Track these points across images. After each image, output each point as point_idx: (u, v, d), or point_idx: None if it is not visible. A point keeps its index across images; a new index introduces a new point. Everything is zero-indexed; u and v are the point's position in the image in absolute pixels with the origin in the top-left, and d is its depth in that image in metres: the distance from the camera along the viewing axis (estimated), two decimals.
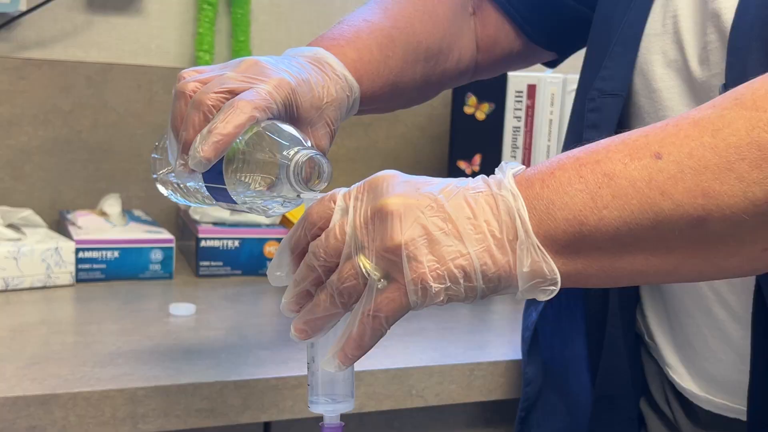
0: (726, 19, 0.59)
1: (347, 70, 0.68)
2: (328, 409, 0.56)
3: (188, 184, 0.64)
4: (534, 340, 0.81)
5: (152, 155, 0.68)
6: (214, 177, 0.60)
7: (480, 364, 0.84)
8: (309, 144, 0.59)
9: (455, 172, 1.24)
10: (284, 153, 0.57)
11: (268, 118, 0.59)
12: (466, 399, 0.85)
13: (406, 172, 0.52)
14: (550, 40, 0.85)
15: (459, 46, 0.81)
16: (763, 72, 0.48)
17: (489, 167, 1.28)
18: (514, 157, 1.23)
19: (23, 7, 1.17)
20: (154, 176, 0.68)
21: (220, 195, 0.61)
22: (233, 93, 0.59)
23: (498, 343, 0.91)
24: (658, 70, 0.66)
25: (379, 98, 0.73)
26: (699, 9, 0.63)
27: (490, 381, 0.85)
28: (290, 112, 0.62)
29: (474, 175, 1.24)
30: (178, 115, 0.60)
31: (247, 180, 0.58)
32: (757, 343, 0.60)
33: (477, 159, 1.24)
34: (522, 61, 0.89)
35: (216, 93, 0.59)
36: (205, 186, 0.62)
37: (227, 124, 0.56)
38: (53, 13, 1.20)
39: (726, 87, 0.58)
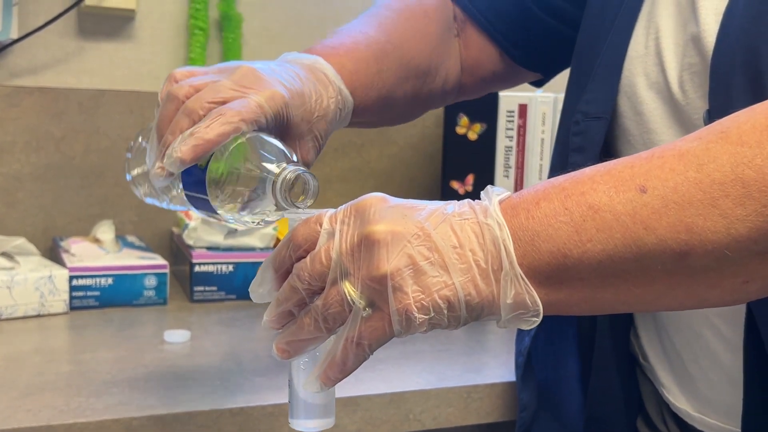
0: (707, 43, 0.59)
1: (343, 83, 0.68)
2: (309, 426, 0.57)
3: (163, 188, 0.63)
4: (528, 365, 0.81)
5: (126, 155, 0.67)
6: (196, 185, 0.59)
7: (477, 386, 0.84)
8: (294, 158, 0.59)
9: (448, 192, 1.24)
10: (269, 167, 0.57)
11: (256, 130, 0.59)
12: (463, 422, 0.84)
13: (399, 193, 0.52)
14: (534, 61, 0.85)
15: (446, 66, 0.82)
16: (748, 101, 0.48)
17: (482, 187, 1.28)
18: (507, 176, 1.23)
19: (14, 35, 1.17)
20: (129, 177, 0.66)
21: (200, 203, 0.61)
22: (226, 103, 0.58)
23: (494, 364, 0.91)
24: (642, 93, 0.66)
25: (369, 112, 0.72)
26: (680, 31, 0.64)
27: (487, 404, 0.85)
28: (280, 125, 0.62)
29: (467, 195, 1.25)
30: (165, 118, 0.59)
31: (227, 192, 0.58)
32: (750, 369, 0.60)
33: (470, 179, 1.25)
34: (506, 81, 0.89)
35: (210, 103, 0.58)
36: (185, 194, 0.61)
37: (210, 130, 0.56)
38: (45, 41, 1.21)
39: (710, 114, 0.57)
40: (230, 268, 1.12)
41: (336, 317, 0.50)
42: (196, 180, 0.59)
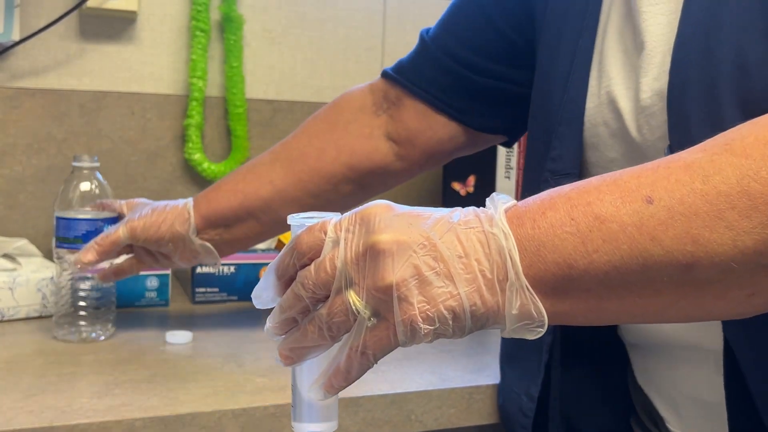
0: (661, 84, 0.59)
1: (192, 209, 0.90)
2: (312, 429, 0.57)
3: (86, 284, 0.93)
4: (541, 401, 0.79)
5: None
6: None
7: (479, 387, 0.84)
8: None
9: (449, 193, 1.24)
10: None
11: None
12: (465, 423, 0.84)
13: (402, 193, 0.52)
14: (490, 124, 0.87)
15: (351, 145, 0.89)
16: (707, 133, 0.48)
17: (483, 188, 1.28)
18: (508, 177, 1.23)
19: (16, 37, 1.17)
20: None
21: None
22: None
23: (496, 365, 0.91)
24: (608, 141, 0.66)
25: (236, 207, 0.90)
26: (630, 76, 0.64)
27: (489, 404, 0.85)
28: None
29: (468, 196, 1.25)
30: None
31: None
32: (731, 395, 0.60)
33: (471, 180, 1.25)
34: (469, 147, 0.91)
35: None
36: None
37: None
38: (46, 43, 1.21)
39: (671, 148, 0.57)
40: (231, 269, 1.12)
41: (340, 326, 0.50)
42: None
